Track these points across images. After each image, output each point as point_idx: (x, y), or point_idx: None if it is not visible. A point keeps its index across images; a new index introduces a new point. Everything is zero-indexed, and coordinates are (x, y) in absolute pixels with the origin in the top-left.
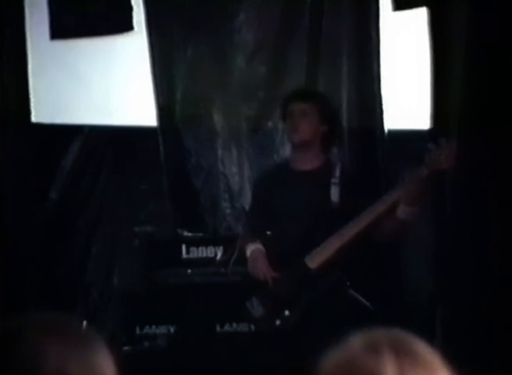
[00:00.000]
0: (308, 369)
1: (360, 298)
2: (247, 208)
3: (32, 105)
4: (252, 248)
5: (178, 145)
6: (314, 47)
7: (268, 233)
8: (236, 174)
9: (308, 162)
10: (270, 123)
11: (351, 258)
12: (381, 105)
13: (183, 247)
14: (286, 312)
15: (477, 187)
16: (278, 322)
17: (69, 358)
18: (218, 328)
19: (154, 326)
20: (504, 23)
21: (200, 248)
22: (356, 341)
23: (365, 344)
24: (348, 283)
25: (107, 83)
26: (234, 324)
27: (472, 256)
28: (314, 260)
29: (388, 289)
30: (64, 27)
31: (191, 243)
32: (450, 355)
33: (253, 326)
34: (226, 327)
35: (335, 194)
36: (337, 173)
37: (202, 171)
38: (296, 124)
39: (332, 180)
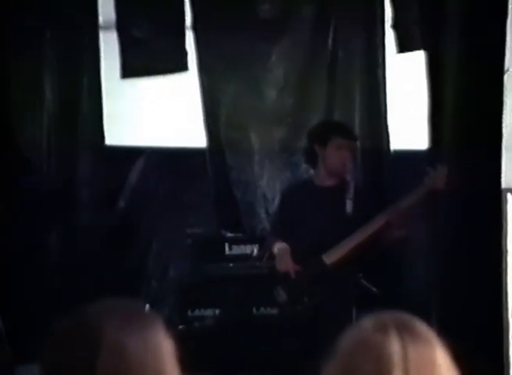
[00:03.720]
0: (326, 345)
1: (370, 287)
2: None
3: (105, 130)
4: (278, 247)
5: (222, 163)
6: (332, 82)
7: (291, 235)
8: (269, 186)
9: (330, 181)
10: (297, 145)
11: (363, 255)
12: (387, 129)
13: (226, 245)
14: (306, 299)
15: (462, 201)
16: (299, 307)
17: (126, 334)
18: (254, 311)
19: (202, 310)
20: (493, 63)
21: (240, 246)
22: (367, 322)
23: (374, 324)
24: (360, 274)
25: (165, 113)
26: (268, 308)
27: (459, 255)
28: (330, 257)
29: (392, 280)
30: (132, 68)
31: (233, 242)
32: (443, 333)
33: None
34: (261, 310)
35: (349, 206)
36: (351, 190)
37: (242, 184)
38: (346, 161)
39: (347, 196)
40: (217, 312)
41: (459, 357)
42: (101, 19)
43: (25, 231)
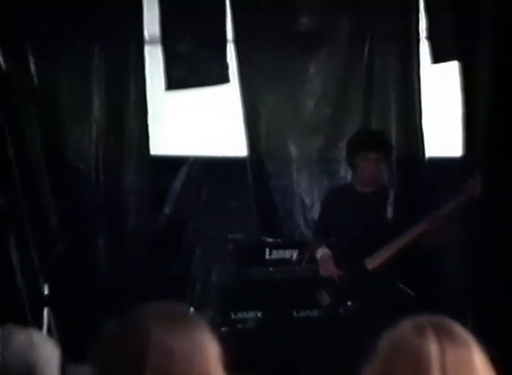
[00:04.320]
0: (366, 348)
1: (408, 291)
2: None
3: (150, 140)
4: (321, 252)
5: (262, 170)
6: (369, 92)
7: (333, 240)
8: (307, 193)
9: (369, 187)
10: (334, 153)
11: (401, 260)
12: (422, 137)
13: (267, 250)
14: (349, 303)
15: (495, 206)
16: (341, 310)
17: (172, 336)
18: (294, 314)
19: (244, 312)
20: None
21: (279, 251)
22: (405, 325)
23: (413, 327)
24: (397, 278)
25: (207, 123)
26: (307, 311)
27: (494, 259)
28: (372, 262)
29: (429, 284)
30: (175, 81)
31: (273, 247)
32: (478, 335)
33: (322, 312)
34: (301, 313)
35: (390, 211)
36: (391, 196)
37: (281, 190)
38: (372, 173)
39: (388, 201)
40: (258, 314)
41: (495, 358)
42: (146, 34)
43: (75, 237)
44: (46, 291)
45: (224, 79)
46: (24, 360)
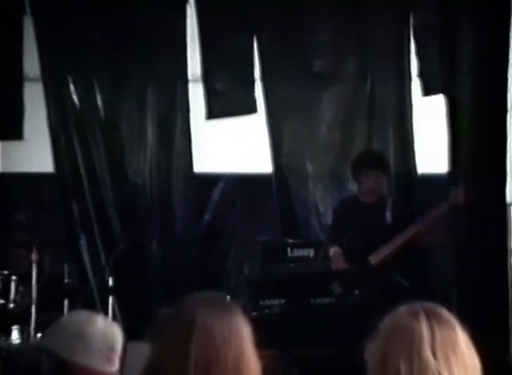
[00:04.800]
0: (370, 328)
1: (405, 282)
2: (329, 224)
3: (194, 160)
4: (333, 250)
5: (284, 184)
6: (370, 120)
7: (343, 240)
8: (321, 202)
9: (371, 198)
10: (343, 170)
11: (400, 256)
12: (414, 157)
13: (288, 249)
14: (356, 292)
15: (476, 212)
16: (350, 298)
17: (213, 319)
18: (311, 301)
19: (271, 300)
20: (498, 105)
21: (299, 250)
22: (402, 310)
23: (408, 311)
24: (396, 271)
25: (239, 146)
26: (322, 298)
27: (474, 256)
28: (375, 258)
29: (422, 276)
30: (214, 112)
31: (293, 246)
32: (461, 318)
33: (334, 300)
34: (317, 300)
35: (389, 217)
36: (390, 204)
37: (300, 200)
38: (373, 187)
39: (387, 208)
40: (282, 301)
41: (474, 336)
42: (189, 74)
43: (134, 239)
44: (111, 283)
45: (253, 110)
46: (107, 337)
